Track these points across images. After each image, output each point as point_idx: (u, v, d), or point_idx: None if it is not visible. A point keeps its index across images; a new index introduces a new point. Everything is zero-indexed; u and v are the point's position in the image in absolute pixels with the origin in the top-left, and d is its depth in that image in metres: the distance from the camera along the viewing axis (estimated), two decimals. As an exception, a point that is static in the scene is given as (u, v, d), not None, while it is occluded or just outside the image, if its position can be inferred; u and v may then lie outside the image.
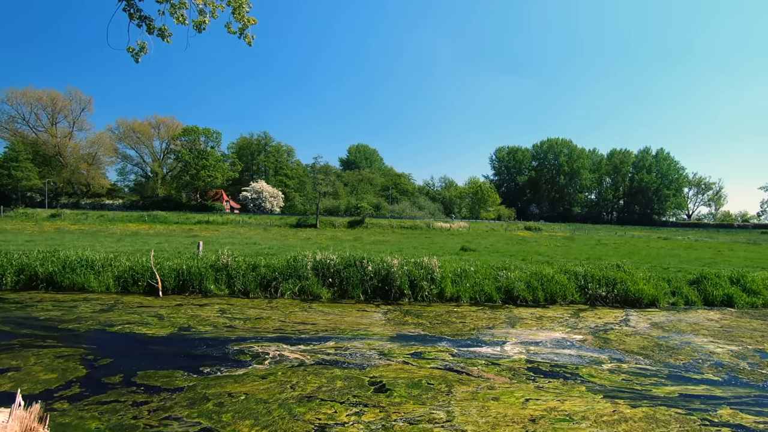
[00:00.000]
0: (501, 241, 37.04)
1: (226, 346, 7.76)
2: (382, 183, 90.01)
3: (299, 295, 12.58)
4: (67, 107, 71.95)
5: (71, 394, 5.49)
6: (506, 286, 12.98)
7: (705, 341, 9.21)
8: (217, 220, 52.80)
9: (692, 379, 6.86)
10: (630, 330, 10.02)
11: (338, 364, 6.93)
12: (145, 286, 12.63)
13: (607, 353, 8.12)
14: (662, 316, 11.72)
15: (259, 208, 72.77)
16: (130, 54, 6.77)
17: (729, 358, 8.07)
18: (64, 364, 6.58)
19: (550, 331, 9.68)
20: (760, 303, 13.41)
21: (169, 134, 79.81)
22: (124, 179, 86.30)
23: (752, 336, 9.80)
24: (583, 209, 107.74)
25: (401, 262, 13.37)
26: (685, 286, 13.97)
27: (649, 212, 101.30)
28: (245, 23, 6.96)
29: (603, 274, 13.73)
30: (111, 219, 49.65)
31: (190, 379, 6.14)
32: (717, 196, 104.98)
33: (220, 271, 13.10)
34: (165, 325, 9.10)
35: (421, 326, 9.75)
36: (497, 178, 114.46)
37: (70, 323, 9.08)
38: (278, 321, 9.79)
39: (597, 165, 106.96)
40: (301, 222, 54.78)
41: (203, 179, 69.96)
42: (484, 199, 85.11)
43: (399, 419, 5.01)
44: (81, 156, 71.90)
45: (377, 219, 60.14)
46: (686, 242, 46.82)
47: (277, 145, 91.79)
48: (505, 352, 7.99)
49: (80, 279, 12.79)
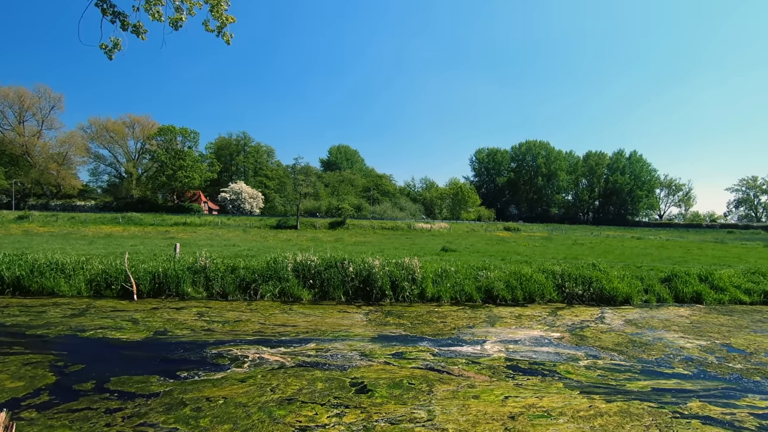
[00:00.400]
0: (481, 242, 37.51)
1: (204, 350, 7.60)
2: (364, 184, 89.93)
3: (279, 297, 12.43)
4: (35, 105, 69.30)
5: (40, 402, 5.28)
6: (486, 286, 13.15)
7: (676, 337, 9.54)
8: (195, 221, 51.65)
9: (664, 373, 7.09)
10: (605, 327, 10.29)
11: (319, 366, 6.88)
12: (119, 289, 12.26)
13: (584, 350, 8.31)
14: (636, 313, 12.08)
15: (238, 209, 71.63)
16: (103, 51, 6.56)
17: (698, 352, 8.38)
18: (33, 371, 6.33)
19: (528, 329, 9.85)
20: (726, 299, 13.98)
21: (145, 134, 77.70)
22: (97, 180, 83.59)
23: (719, 331, 10.21)
24: (561, 210, 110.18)
25: (382, 262, 13.38)
26: (657, 284, 14.44)
27: (623, 213, 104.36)
28: (223, 21, 6.84)
29: (579, 273, 14.06)
30: (83, 221, 47.97)
31: (167, 384, 5.99)
32: (687, 197, 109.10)
33: (197, 273, 12.83)
34: (140, 330, 8.85)
35: (402, 326, 9.78)
36: (477, 180, 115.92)
37: (39, 329, 8.74)
38: (258, 323, 9.65)
39: (573, 167, 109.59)
40: (281, 223, 54.14)
41: (180, 180, 68.43)
42: (465, 200, 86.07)
43: (380, 420, 5.00)
44: (50, 156, 69.29)
45: (358, 220, 60.01)
46: (658, 242, 48.42)
47: (257, 145, 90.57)
48: (485, 350, 8.09)
49: (50, 283, 12.31)
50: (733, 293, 14.23)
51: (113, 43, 6.54)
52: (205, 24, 6.88)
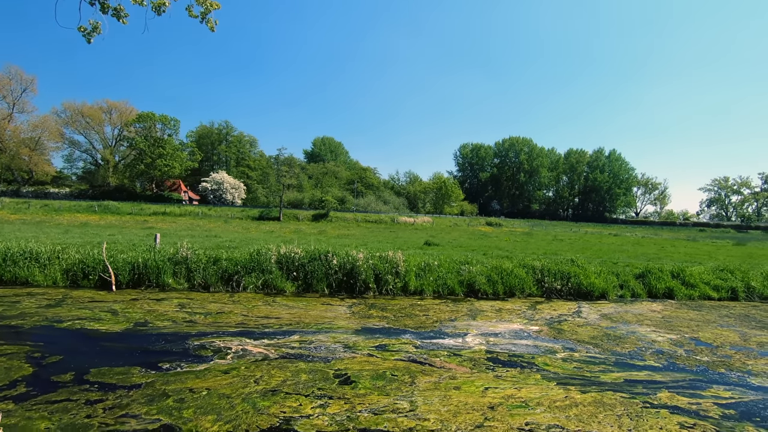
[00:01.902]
0: (464, 236, 37.95)
1: (186, 342, 7.54)
2: (348, 176, 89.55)
3: (262, 289, 12.38)
4: (6, 87, 66.18)
5: (17, 393, 5.18)
6: (468, 280, 13.36)
7: (648, 331, 9.92)
8: (175, 211, 50.69)
9: (636, 365, 7.39)
10: (582, 321, 10.62)
11: (303, 358, 6.93)
12: (96, 280, 12.00)
13: (561, 343, 8.57)
14: (611, 307, 12.49)
15: (219, 199, 70.45)
16: (81, 34, 6.36)
17: (668, 345, 8.75)
18: (8, 362, 6.18)
19: (508, 322, 10.09)
20: (696, 295, 14.57)
21: (122, 120, 75.45)
22: (72, 166, 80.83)
23: (689, 325, 10.65)
24: (542, 206, 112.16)
25: (366, 256, 13.44)
26: (632, 279, 14.93)
27: (602, 210, 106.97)
28: (208, 7, 6.71)
29: (558, 269, 14.42)
30: (57, 209, 46.47)
31: (148, 375, 5.94)
32: (662, 196, 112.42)
33: (179, 264, 12.65)
34: (119, 321, 8.72)
35: (385, 319, 9.88)
36: (461, 174, 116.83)
37: (13, 319, 8.51)
38: (241, 315, 9.61)
39: (555, 164, 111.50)
40: (264, 215, 53.61)
41: (159, 168, 66.81)
42: (448, 194, 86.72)
43: (364, 410, 5.09)
44: (22, 140, 66.51)
45: (342, 213, 59.88)
46: (634, 239, 49.87)
47: (239, 134, 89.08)
48: (467, 343, 8.26)
49: (23, 272, 11.96)
50: (703, 289, 14.84)
51: (92, 27, 6.35)
52: (188, 9, 6.74)
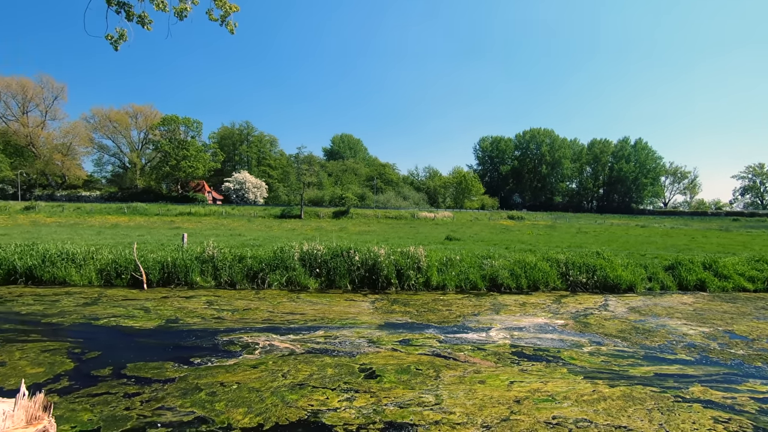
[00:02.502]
0: (485, 230, 37.59)
1: (216, 337, 7.78)
2: (367, 173, 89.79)
3: (286, 285, 12.61)
4: (38, 95, 69.37)
5: (61, 387, 5.47)
6: (491, 274, 13.27)
7: (679, 324, 9.64)
8: (200, 211, 51.99)
9: (666, 359, 7.21)
10: (609, 314, 10.41)
11: (328, 353, 7.05)
12: (128, 279, 12.47)
13: (587, 337, 8.44)
14: (639, 300, 12.18)
15: (242, 199, 71.83)
16: (109, 42, 6.60)
17: (701, 339, 8.49)
18: (51, 358, 6.52)
19: (533, 316, 9.99)
20: (730, 287, 14.05)
21: (148, 124, 77.77)
22: (101, 170, 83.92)
23: (722, 318, 10.30)
24: (565, 198, 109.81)
25: (387, 251, 13.51)
26: (660, 271, 14.51)
27: (628, 201, 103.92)
28: (227, 10, 6.86)
29: (583, 262, 14.14)
30: (89, 211, 48.38)
31: (181, 370, 6.17)
32: (692, 185, 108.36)
33: (205, 263, 13.02)
34: (152, 318, 9.05)
35: (408, 314, 9.93)
36: (481, 168, 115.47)
37: (54, 317, 8.95)
38: (266, 312, 9.83)
39: (578, 154, 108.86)
40: (285, 213, 54.39)
41: (184, 170, 68.60)
42: (468, 188, 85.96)
43: (389, 404, 5.16)
44: (55, 146, 69.60)
45: (362, 209, 60.14)
46: (663, 230, 48.31)
47: (260, 134, 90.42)
48: (491, 337, 8.23)
49: (61, 273, 12.54)
50: (737, 281, 14.30)
51: (119, 34, 6.59)
52: (208, 13, 6.91)
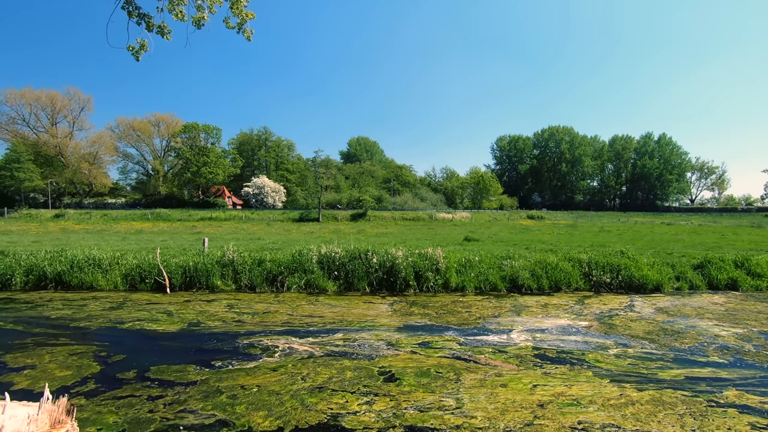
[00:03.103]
0: (504, 231, 37.08)
1: (236, 340, 7.86)
2: (384, 175, 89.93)
3: (305, 288, 12.68)
4: (66, 107, 72.06)
5: (87, 389, 5.60)
6: (511, 275, 13.04)
7: (710, 325, 9.27)
8: (220, 216, 52.95)
9: (698, 362, 6.92)
10: (635, 315, 10.09)
11: (347, 356, 7.03)
12: (152, 283, 12.75)
13: (613, 339, 8.19)
14: (667, 301, 11.78)
15: (261, 203, 72.88)
16: (130, 52, 6.77)
17: (734, 340, 8.13)
18: (78, 361, 6.70)
19: (555, 318, 9.76)
20: (764, 286, 13.44)
21: (169, 132, 79.89)
22: (126, 178, 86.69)
23: (757, 318, 9.86)
24: (586, 196, 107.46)
25: (405, 253, 13.44)
26: (689, 270, 14.00)
27: (652, 198, 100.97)
28: (243, 18, 6.95)
29: (607, 261, 13.76)
30: (114, 218, 49.87)
31: (203, 372, 6.24)
32: (720, 180, 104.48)
33: (226, 266, 13.21)
34: (174, 321, 9.22)
35: (427, 316, 9.84)
36: (499, 168, 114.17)
37: (81, 321, 9.21)
38: (286, 314, 9.89)
39: (599, 152, 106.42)
40: (303, 216, 54.87)
41: (204, 176, 70.15)
42: (486, 188, 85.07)
43: (409, 407, 5.10)
44: (82, 156, 72.11)
45: (379, 211, 60.20)
46: (690, 227, 46.75)
47: (278, 139, 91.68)
48: (512, 339, 8.07)
49: (88, 278, 12.91)
50: (772, 279, 13.66)
51: (140, 45, 6.74)
52: (225, 21, 7.01)
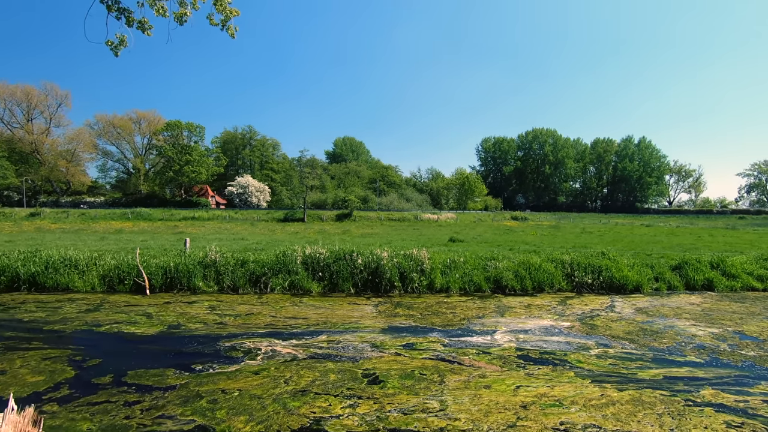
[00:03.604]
0: (489, 232, 37.42)
1: (218, 343, 7.71)
2: (369, 175, 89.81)
3: (289, 289, 12.54)
4: (42, 103, 69.95)
5: (60, 395, 5.41)
6: (495, 276, 13.14)
7: (687, 325, 9.49)
8: (203, 216, 52.07)
9: (676, 361, 7.07)
10: (615, 316, 10.26)
11: (331, 358, 6.96)
12: (131, 284, 12.44)
13: (594, 339, 8.31)
14: (646, 301, 12.02)
15: (245, 203, 71.96)
16: (109, 47, 6.57)
17: (710, 340, 8.34)
18: (52, 365, 6.47)
19: (538, 319, 9.86)
20: (738, 286, 13.85)
21: (151, 129, 78.22)
22: (105, 176, 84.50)
23: (732, 318, 10.13)
24: (568, 198, 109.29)
25: (391, 254, 13.41)
26: (667, 271, 14.33)
27: (632, 200, 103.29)
28: (227, 15, 6.81)
29: (589, 262, 13.99)
30: (93, 217, 48.55)
31: (182, 377, 6.10)
32: (697, 183, 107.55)
33: (208, 267, 12.97)
34: (154, 324, 9.00)
35: (412, 318, 9.83)
36: (484, 169, 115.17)
37: (56, 324, 8.91)
38: (269, 316, 9.76)
39: (581, 154, 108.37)
40: (288, 216, 54.37)
41: (187, 175, 68.89)
42: (471, 189, 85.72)
43: (393, 410, 5.06)
44: (59, 153, 70.02)
45: (365, 212, 60.08)
46: (668, 229, 47.95)
47: (262, 138, 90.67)
48: (496, 340, 8.12)
49: (64, 279, 12.52)
50: (746, 280, 14.10)
51: (119, 40, 6.54)
52: (209, 18, 6.86)
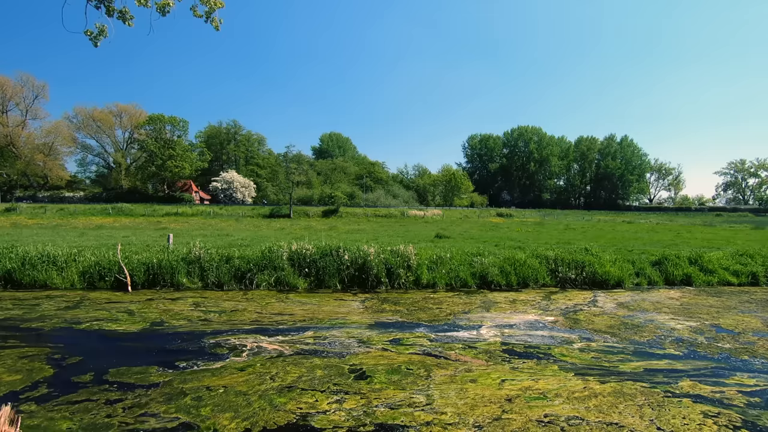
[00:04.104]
0: (474, 228, 37.72)
1: (202, 340, 7.61)
2: (356, 172, 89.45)
3: (275, 286, 12.44)
4: (18, 94, 67.51)
5: (39, 395, 5.27)
6: (481, 272, 13.26)
7: (667, 318, 9.74)
8: (187, 211, 51.25)
9: (655, 354, 7.25)
10: (598, 310, 10.47)
11: (318, 354, 6.94)
12: (112, 281, 12.18)
13: (577, 333, 8.46)
14: (627, 296, 12.29)
15: (230, 198, 71.04)
16: (88, 38, 6.38)
17: (688, 333, 8.57)
18: (29, 364, 6.30)
19: (523, 313, 9.99)
20: (715, 281, 14.27)
21: (132, 123, 76.31)
22: (85, 171, 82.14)
23: (709, 312, 10.44)
24: (553, 195, 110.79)
25: (377, 250, 13.41)
26: (648, 267, 14.67)
27: (614, 197, 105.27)
28: (212, 6, 6.66)
29: (572, 258, 14.22)
30: (72, 212, 47.33)
31: (166, 374, 6.00)
32: (676, 181, 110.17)
33: (192, 263, 12.77)
34: (136, 321, 8.83)
35: (398, 313, 9.86)
36: (470, 166, 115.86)
37: (33, 322, 8.67)
38: (255, 313, 9.67)
39: (565, 152, 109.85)
40: (274, 212, 53.92)
41: (170, 170, 67.58)
42: (458, 186, 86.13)
43: (380, 405, 5.08)
44: (36, 146, 67.75)
45: (352, 208, 59.92)
46: (648, 225, 49.06)
47: (248, 133, 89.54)
48: (481, 335, 8.20)
49: (42, 276, 12.18)
50: (722, 275, 14.53)
51: (99, 30, 6.35)
52: (193, 9, 6.70)
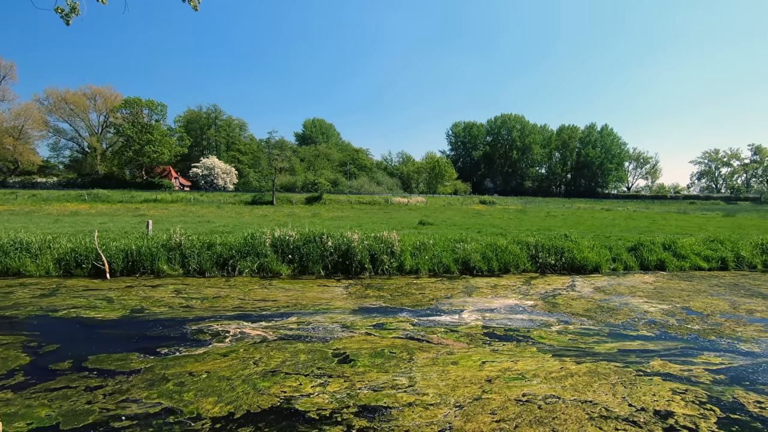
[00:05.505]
0: (458, 215, 38.09)
1: (184, 327, 7.55)
2: (340, 158, 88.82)
3: (258, 272, 12.38)
4: (-16, 74, 64.34)
5: (15, 383, 5.17)
6: (463, 258, 13.45)
7: (640, 302, 10.09)
8: (166, 198, 50.14)
9: (629, 336, 7.54)
10: (576, 294, 10.77)
11: (301, 339, 6.97)
12: (90, 268, 11.91)
13: (556, 316, 8.71)
14: (604, 280, 12.67)
15: (210, 185, 69.73)
16: (59, 15, 6.11)
17: (660, 315, 8.92)
18: (4, 352, 6.15)
19: (504, 298, 10.21)
20: (687, 266, 14.81)
21: (108, 106, 73.60)
22: (58, 155, 79.01)
23: (680, 295, 10.86)
24: (534, 183, 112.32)
25: (361, 236, 13.44)
26: (624, 252, 15.11)
27: (594, 185, 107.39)
28: (190, -15, 6.46)
29: (552, 244, 14.53)
30: (46, 198, 45.77)
31: (147, 360, 5.95)
32: (653, 170, 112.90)
33: (173, 250, 12.58)
34: (115, 308, 8.69)
35: (382, 299, 9.95)
36: (454, 153, 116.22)
37: (7, 310, 8.45)
38: (237, 299, 9.62)
39: (547, 140, 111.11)
40: (256, 199, 53.22)
41: (148, 155, 65.78)
42: (441, 174, 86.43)
43: (363, 387, 5.15)
44: (5, 129, 64.86)
45: (335, 195, 59.64)
46: (626, 213, 50.35)
47: (228, 118, 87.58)
48: (463, 319, 8.36)
49: (14, 263, 11.83)
50: (694, 260, 15.09)
51: (70, 7, 6.08)
52: (170, -13, 6.47)
